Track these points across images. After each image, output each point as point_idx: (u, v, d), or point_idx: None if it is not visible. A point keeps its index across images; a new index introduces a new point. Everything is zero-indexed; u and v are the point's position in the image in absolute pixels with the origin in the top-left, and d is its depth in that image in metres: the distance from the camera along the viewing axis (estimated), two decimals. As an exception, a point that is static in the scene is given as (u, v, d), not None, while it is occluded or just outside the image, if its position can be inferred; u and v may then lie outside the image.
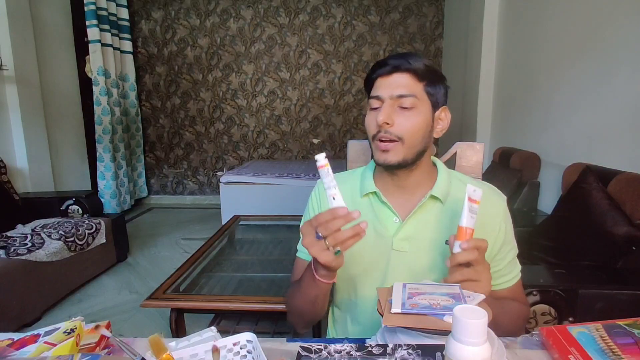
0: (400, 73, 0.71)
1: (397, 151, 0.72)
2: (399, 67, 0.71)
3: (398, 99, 0.71)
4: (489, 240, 0.75)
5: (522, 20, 2.69)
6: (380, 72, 0.72)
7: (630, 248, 1.34)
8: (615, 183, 1.48)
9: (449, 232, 0.74)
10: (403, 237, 0.76)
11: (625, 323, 0.63)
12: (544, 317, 1.20)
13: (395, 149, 0.71)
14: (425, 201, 0.75)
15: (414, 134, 0.71)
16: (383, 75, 0.72)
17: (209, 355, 0.56)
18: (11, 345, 0.60)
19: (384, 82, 0.72)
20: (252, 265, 2.10)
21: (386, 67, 0.72)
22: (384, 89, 0.72)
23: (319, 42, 4.51)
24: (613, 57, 1.79)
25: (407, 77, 0.71)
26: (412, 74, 0.71)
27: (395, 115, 0.71)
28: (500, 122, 3.06)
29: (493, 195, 0.78)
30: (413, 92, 0.71)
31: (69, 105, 3.74)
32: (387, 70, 0.72)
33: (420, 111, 0.72)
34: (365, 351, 0.55)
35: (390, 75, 0.72)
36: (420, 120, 0.72)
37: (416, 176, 0.77)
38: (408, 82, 0.71)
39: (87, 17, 3.53)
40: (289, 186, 3.40)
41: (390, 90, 0.71)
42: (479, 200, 0.64)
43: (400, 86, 0.71)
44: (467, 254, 0.62)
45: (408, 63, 0.70)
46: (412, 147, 0.72)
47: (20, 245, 2.05)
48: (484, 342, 0.43)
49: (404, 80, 0.71)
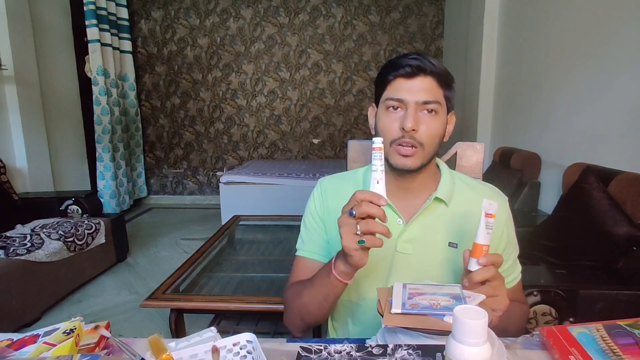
0: (424, 76, 0.68)
1: (417, 157, 0.71)
2: (423, 69, 0.68)
3: (423, 104, 0.69)
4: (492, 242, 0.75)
5: (522, 20, 2.69)
6: (401, 73, 0.69)
7: (631, 248, 1.34)
8: (616, 183, 1.48)
9: (453, 234, 0.75)
10: (407, 239, 0.76)
11: (626, 323, 0.63)
12: (544, 318, 1.20)
13: (416, 154, 0.70)
14: (430, 203, 0.75)
15: (433, 140, 0.71)
16: (404, 77, 0.69)
17: (208, 356, 0.56)
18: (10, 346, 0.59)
19: (407, 84, 0.69)
20: (252, 266, 2.10)
21: (408, 68, 0.68)
22: (407, 93, 0.69)
23: (319, 41, 4.51)
24: (614, 57, 1.79)
25: (431, 82, 0.69)
26: (436, 78, 0.69)
27: (419, 121, 0.69)
28: (500, 122, 3.06)
29: (495, 196, 0.78)
30: (437, 98, 0.69)
31: (69, 105, 3.73)
32: (409, 72, 0.68)
33: (440, 117, 0.71)
34: (365, 351, 0.55)
35: (414, 78, 0.69)
36: (440, 126, 0.71)
37: (422, 179, 0.77)
38: (432, 87, 0.69)
39: (87, 16, 3.53)
40: (289, 186, 3.40)
41: (415, 95, 0.68)
42: (494, 214, 0.61)
43: (425, 91, 0.68)
44: (484, 272, 0.59)
45: (432, 65, 0.68)
46: (430, 152, 0.72)
47: (20, 246, 2.05)
48: (485, 343, 0.43)
49: (428, 84, 0.69)
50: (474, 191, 0.78)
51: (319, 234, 0.83)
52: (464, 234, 0.75)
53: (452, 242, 0.74)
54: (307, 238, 0.85)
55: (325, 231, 0.82)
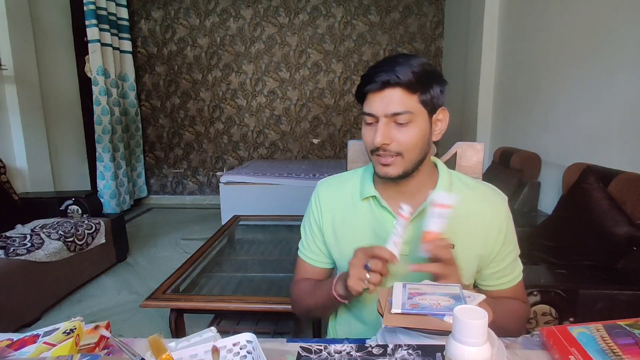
0: (392, 88, 0.67)
1: (397, 165, 0.71)
2: (388, 82, 0.67)
3: (393, 116, 0.68)
4: (489, 240, 0.75)
5: (522, 20, 2.69)
6: (370, 88, 0.69)
7: (631, 248, 1.34)
8: (616, 183, 1.48)
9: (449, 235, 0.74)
10: (404, 240, 0.75)
11: (626, 323, 0.63)
12: (544, 318, 1.20)
13: (395, 163, 0.71)
14: (427, 205, 0.75)
15: (412, 148, 0.70)
16: (373, 91, 0.69)
17: (208, 356, 0.56)
18: (10, 346, 0.59)
19: (376, 98, 0.69)
20: (252, 266, 2.10)
21: (375, 84, 0.68)
22: (377, 106, 0.69)
23: (319, 41, 4.51)
24: (614, 56, 1.79)
25: (399, 92, 0.67)
26: (404, 87, 0.67)
27: (392, 133, 0.69)
28: (500, 122, 3.06)
29: (494, 196, 0.78)
30: (407, 108, 0.68)
31: (69, 105, 3.73)
32: (377, 87, 0.68)
33: (416, 124, 0.69)
34: (365, 351, 0.55)
35: (382, 91, 0.68)
36: (417, 133, 0.70)
37: (417, 181, 0.76)
38: (401, 97, 0.67)
39: (87, 16, 3.53)
40: (288, 186, 3.40)
41: (383, 108, 0.68)
42: (449, 204, 0.64)
43: (393, 103, 0.67)
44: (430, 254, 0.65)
45: (397, 77, 0.66)
46: (411, 160, 0.72)
47: (20, 246, 2.05)
48: (484, 343, 0.43)
49: (397, 95, 0.67)
50: (472, 191, 0.77)
51: (317, 242, 0.86)
52: (461, 235, 0.74)
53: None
54: (306, 244, 0.88)
55: (324, 241, 0.84)
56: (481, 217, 0.75)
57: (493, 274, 0.78)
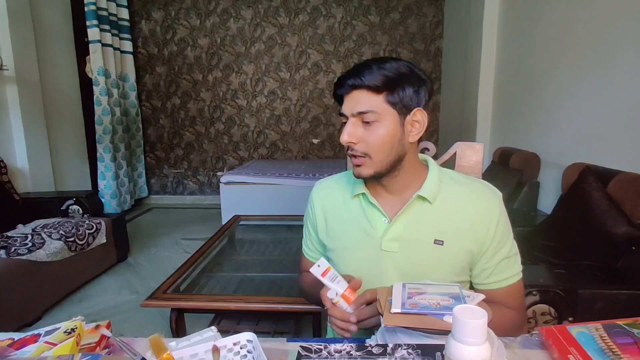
0: (358, 90, 0.71)
1: (367, 166, 0.74)
2: (354, 85, 0.71)
3: (359, 115, 0.72)
4: (479, 236, 0.75)
5: (522, 20, 2.69)
6: (342, 92, 0.74)
7: (630, 248, 1.34)
8: (615, 183, 1.48)
9: (438, 232, 0.75)
10: (391, 237, 0.76)
11: (625, 323, 0.63)
12: (543, 317, 1.20)
13: (365, 164, 0.74)
14: (412, 201, 0.75)
15: (379, 149, 0.72)
16: (345, 94, 0.73)
17: (209, 355, 0.56)
18: (12, 345, 0.60)
19: (346, 99, 0.73)
20: (252, 265, 2.11)
21: (344, 88, 0.73)
22: (346, 106, 0.73)
23: (319, 42, 4.51)
24: (613, 57, 1.79)
25: (365, 93, 0.71)
26: (368, 89, 0.70)
27: (359, 132, 0.73)
28: (500, 122, 3.06)
29: (485, 192, 0.77)
30: (371, 107, 0.70)
31: (70, 106, 3.74)
32: (345, 90, 0.73)
33: (382, 124, 0.71)
34: (365, 351, 0.56)
35: (350, 93, 0.72)
36: (383, 133, 0.71)
37: (401, 180, 0.77)
38: (366, 97, 0.71)
39: (88, 17, 3.53)
40: (289, 186, 3.40)
41: (351, 108, 0.72)
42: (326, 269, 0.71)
43: (358, 103, 0.71)
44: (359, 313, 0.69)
45: (361, 80, 0.70)
46: (380, 160, 0.73)
47: (21, 245, 2.06)
48: (484, 342, 0.43)
49: (362, 96, 0.71)
50: (463, 188, 0.77)
51: (313, 241, 0.92)
52: (450, 231, 0.75)
53: (437, 240, 0.75)
54: (306, 241, 0.95)
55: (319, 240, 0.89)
56: (471, 213, 0.75)
57: (481, 272, 0.77)
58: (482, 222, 0.74)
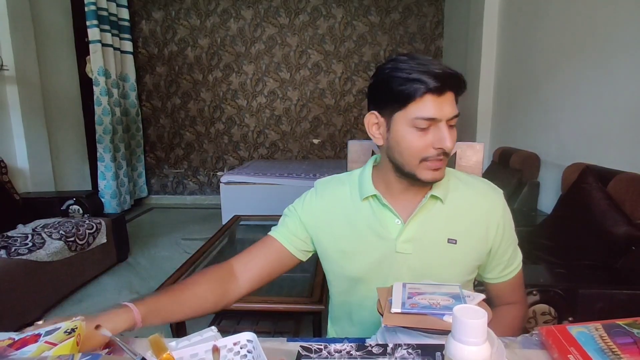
0: (450, 93, 0.66)
1: (443, 167, 0.72)
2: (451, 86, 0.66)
3: (452, 119, 0.68)
4: (489, 235, 0.75)
5: (522, 20, 2.69)
6: (431, 89, 0.64)
7: (630, 248, 1.34)
8: (615, 183, 1.48)
9: (450, 231, 0.75)
10: (406, 238, 0.75)
11: (625, 323, 0.63)
12: (543, 317, 1.20)
13: (443, 165, 0.71)
14: (426, 202, 0.75)
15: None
16: (434, 93, 0.65)
17: (209, 355, 0.56)
18: (12, 345, 0.60)
19: (437, 101, 0.65)
20: (253, 265, 2.10)
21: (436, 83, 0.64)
22: (439, 111, 0.65)
23: (319, 42, 4.51)
24: (613, 56, 1.79)
25: (452, 96, 0.67)
26: (456, 93, 0.68)
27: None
28: (500, 122, 3.06)
29: (489, 191, 0.78)
30: (457, 110, 0.69)
31: (70, 106, 3.74)
32: (440, 89, 0.64)
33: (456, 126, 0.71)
34: (365, 351, 0.56)
35: (443, 94, 0.65)
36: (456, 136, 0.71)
37: None
38: (453, 100, 0.68)
39: (88, 17, 3.53)
40: (289, 186, 3.40)
41: (446, 113, 0.66)
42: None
43: (452, 107, 0.67)
44: None
45: (465, 84, 0.67)
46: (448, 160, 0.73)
47: (21, 245, 2.06)
48: (484, 342, 0.43)
49: (452, 99, 0.67)
50: (468, 187, 0.78)
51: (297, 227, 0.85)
52: (462, 230, 0.75)
53: (451, 239, 0.75)
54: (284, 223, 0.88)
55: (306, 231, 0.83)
56: (479, 213, 0.76)
57: (496, 267, 0.79)
58: (491, 222, 0.76)
